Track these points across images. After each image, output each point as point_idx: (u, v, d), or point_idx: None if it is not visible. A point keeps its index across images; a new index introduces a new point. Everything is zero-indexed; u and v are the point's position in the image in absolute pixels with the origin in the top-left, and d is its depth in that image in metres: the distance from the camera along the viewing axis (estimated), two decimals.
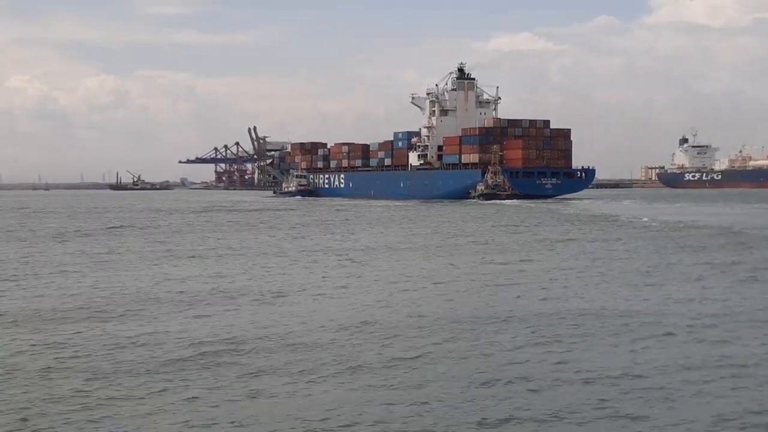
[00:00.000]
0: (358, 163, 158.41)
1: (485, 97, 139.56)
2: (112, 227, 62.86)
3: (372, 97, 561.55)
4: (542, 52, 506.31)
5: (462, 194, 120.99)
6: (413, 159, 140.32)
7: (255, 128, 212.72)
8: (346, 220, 72.87)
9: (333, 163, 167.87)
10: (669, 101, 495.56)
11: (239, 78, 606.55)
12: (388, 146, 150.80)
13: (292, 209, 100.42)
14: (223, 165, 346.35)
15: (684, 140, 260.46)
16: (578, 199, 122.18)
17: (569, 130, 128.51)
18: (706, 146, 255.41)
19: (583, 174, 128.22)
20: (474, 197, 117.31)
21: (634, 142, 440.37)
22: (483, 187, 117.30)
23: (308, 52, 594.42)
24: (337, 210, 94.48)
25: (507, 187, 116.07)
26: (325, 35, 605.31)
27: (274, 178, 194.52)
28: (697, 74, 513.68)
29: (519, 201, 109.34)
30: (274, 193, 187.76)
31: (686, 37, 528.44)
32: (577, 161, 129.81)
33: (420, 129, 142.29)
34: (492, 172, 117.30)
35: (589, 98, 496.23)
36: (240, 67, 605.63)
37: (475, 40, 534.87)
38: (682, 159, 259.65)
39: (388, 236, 51.42)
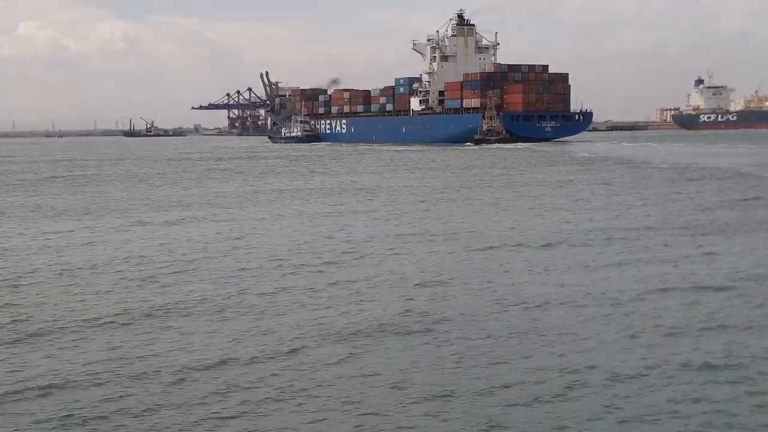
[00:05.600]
0: (360, 108, 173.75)
1: (484, 42, 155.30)
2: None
3: (384, 41, 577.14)
4: None
5: (464, 138, 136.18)
6: (415, 104, 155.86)
7: (267, 73, 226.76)
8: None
9: (334, 109, 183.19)
10: (683, 43, 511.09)
11: (250, 23, 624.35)
12: (389, 92, 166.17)
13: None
14: (236, 111, 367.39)
15: (699, 81, 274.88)
16: (575, 141, 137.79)
17: (567, 74, 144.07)
18: (722, 87, 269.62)
19: (581, 117, 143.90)
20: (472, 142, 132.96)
21: (649, 85, 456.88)
22: (478, 133, 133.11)
23: None
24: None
25: (500, 132, 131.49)
26: None
27: (274, 123, 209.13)
28: (711, 15, 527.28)
29: (511, 144, 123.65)
30: (270, 138, 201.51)
31: None
32: (591, 104, 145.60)
33: (421, 75, 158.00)
34: (488, 117, 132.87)
35: (602, 41, 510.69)
36: (251, 12, 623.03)
37: None
38: (697, 100, 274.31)
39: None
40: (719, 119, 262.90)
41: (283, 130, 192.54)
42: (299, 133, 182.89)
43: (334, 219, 35.79)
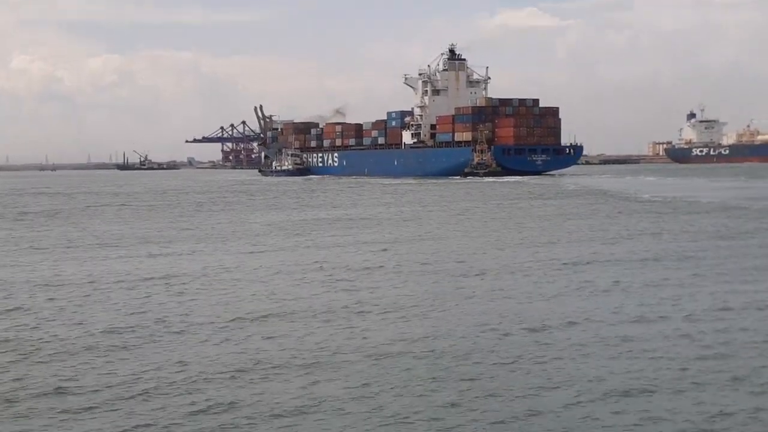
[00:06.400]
0: (352, 142, 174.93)
1: (475, 77, 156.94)
2: None
3: (380, 74, 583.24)
4: (547, 27, 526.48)
5: (455, 171, 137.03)
6: (407, 137, 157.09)
7: (261, 107, 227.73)
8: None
9: (326, 143, 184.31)
10: (676, 76, 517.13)
11: (244, 57, 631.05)
12: (381, 125, 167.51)
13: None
14: (230, 144, 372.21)
15: (692, 115, 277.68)
16: (565, 174, 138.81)
17: (557, 108, 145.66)
18: (714, 121, 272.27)
19: (572, 150, 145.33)
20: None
21: (642, 118, 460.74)
22: (469, 166, 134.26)
23: (314, 29, 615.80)
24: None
25: (490, 165, 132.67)
26: (331, 12, 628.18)
27: (266, 157, 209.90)
28: (703, 48, 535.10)
29: (499, 178, 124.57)
30: (261, 172, 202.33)
31: (691, 10, 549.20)
32: (584, 138, 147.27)
33: (413, 108, 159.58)
34: (479, 151, 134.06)
35: (595, 74, 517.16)
36: (245, 45, 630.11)
37: (481, 15, 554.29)
38: (689, 134, 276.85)
39: None
40: (711, 153, 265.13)
41: (273, 163, 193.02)
42: (290, 167, 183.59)
43: (325, 250, 36.12)
